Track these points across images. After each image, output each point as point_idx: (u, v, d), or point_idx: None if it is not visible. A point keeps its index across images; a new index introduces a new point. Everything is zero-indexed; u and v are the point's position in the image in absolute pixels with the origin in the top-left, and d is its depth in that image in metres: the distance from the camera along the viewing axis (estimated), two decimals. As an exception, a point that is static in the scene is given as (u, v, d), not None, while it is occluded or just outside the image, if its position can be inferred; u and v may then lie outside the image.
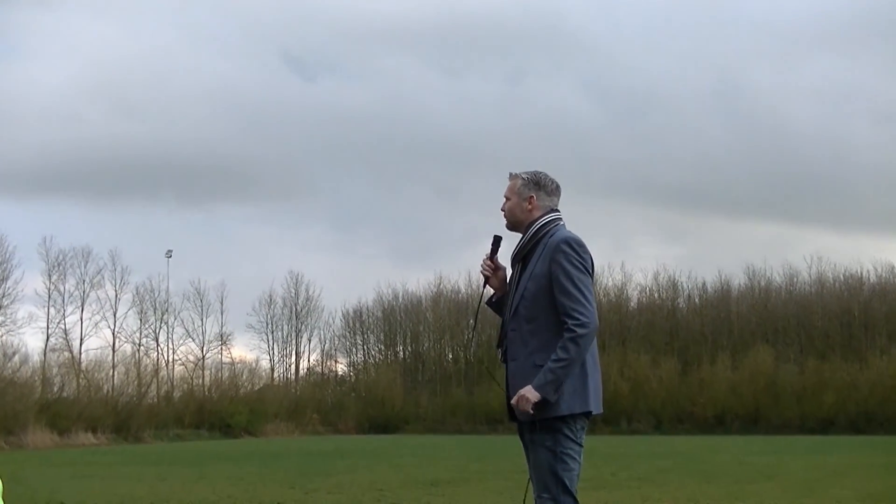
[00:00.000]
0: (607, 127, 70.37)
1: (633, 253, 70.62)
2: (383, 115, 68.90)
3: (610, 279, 56.19)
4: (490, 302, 4.27)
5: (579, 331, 3.81)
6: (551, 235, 4.03)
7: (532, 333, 3.94)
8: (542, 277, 3.95)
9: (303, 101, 70.15)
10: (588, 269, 3.96)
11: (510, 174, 4.21)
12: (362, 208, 73.09)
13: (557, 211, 4.15)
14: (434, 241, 73.83)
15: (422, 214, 73.50)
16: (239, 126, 69.43)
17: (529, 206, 4.11)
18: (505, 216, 4.20)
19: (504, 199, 4.19)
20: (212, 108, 67.54)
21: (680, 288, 56.22)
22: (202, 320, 53.37)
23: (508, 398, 4.02)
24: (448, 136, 68.52)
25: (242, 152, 67.08)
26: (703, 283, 56.10)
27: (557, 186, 4.17)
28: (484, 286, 4.29)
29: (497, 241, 4.24)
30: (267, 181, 70.01)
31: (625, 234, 71.15)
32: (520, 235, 4.14)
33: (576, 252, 3.94)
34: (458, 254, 72.12)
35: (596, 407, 3.97)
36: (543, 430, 3.89)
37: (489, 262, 4.23)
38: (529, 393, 3.83)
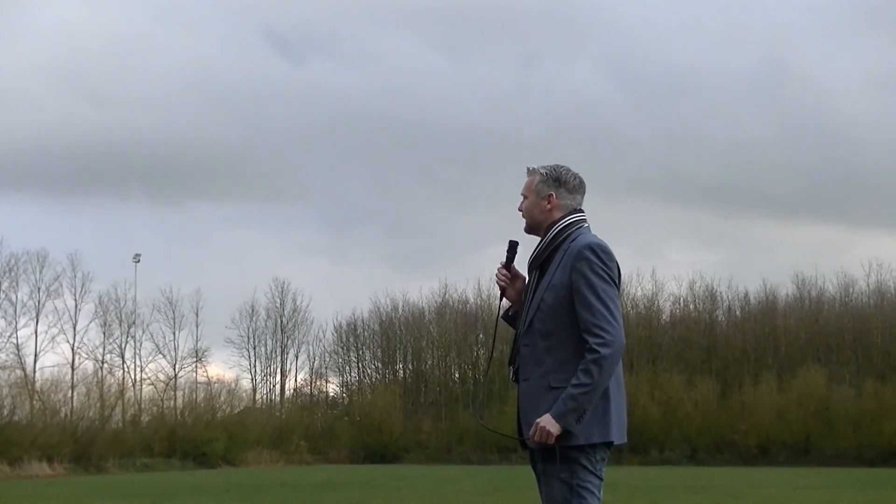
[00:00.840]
0: (633, 116, 70.41)
1: (664, 259, 70.22)
2: (380, 103, 69.39)
3: (639, 289, 56.15)
4: (506, 316, 4.31)
5: (603, 350, 3.84)
6: (573, 240, 4.06)
7: (548, 351, 3.98)
8: (561, 288, 3.99)
9: (289, 87, 70.61)
10: (614, 279, 3.99)
11: (528, 169, 4.26)
12: (357, 207, 73.14)
13: (581, 211, 4.19)
14: (439, 245, 73.82)
15: (425, 215, 73.70)
16: (217, 114, 69.94)
17: (548, 206, 4.15)
18: (523, 216, 4.24)
19: (521, 198, 4.24)
20: (186, 94, 68.65)
21: (718, 299, 56.12)
22: (174, 334, 53.53)
23: (520, 422, 4.06)
24: (454, 126, 68.67)
25: (221, 144, 67.24)
26: (745, 294, 56.11)
27: (581, 183, 4.20)
28: (500, 299, 4.33)
29: (513, 246, 4.28)
30: (249, 177, 70.16)
31: (655, 238, 71.46)
32: (538, 239, 4.19)
33: (600, 260, 3.96)
34: (465, 259, 72.36)
35: (618, 436, 3.99)
36: (559, 460, 3.89)
37: (505, 272, 4.28)
38: (549, 424, 3.86)
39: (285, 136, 69.86)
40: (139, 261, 53.54)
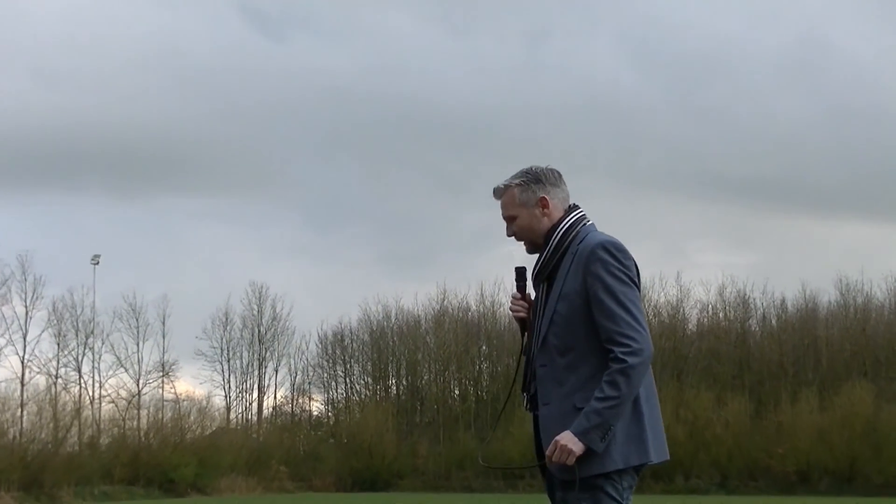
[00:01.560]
0: (656, 101, 70.12)
1: (690, 261, 70.48)
2: (372, 83, 69.09)
3: (661, 295, 55.95)
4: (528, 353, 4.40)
5: (630, 360, 3.98)
6: (580, 241, 4.20)
7: (569, 368, 4.12)
8: (574, 296, 4.12)
9: (268, 66, 70.26)
10: (633, 279, 4.13)
11: (497, 190, 4.38)
12: (345, 202, 73.04)
13: (578, 207, 4.32)
14: (437, 245, 74.36)
15: (422, 210, 73.81)
16: (185, 96, 69.45)
17: (545, 211, 4.30)
18: (520, 239, 4.35)
19: (506, 224, 4.36)
20: (151, 74, 67.19)
21: (752, 306, 56.00)
22: (138, 345, 53.57)
23: (540, 451, 4.17)
24: (455, 110, 68.48)
25: (190, 129, 67.62)
26: (783, 300, 55.94)
27: (558, 173, 4.34)
28: (523, 335, 4.42)
29: (521, 274, 4.42)
30: (223, 167, 70.52)
31: (680, 237, 71.57)
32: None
33: (615, 259, 4.10)
34: (467, 261, 72.67)
35: (658, 454, 4.14)
36: (581, 488, 3.99)
37: (521, 301, 4.41)
38: (570, 442, 3.97)
39: (264, 121, 69.78)
40: (98, 263, 53.62)
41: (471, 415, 55.37)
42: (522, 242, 4.39)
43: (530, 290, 4.40)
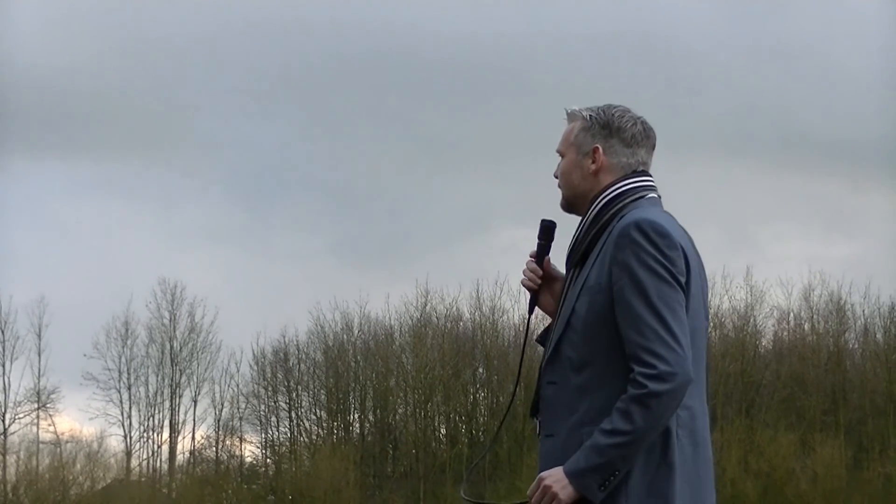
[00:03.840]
0: (721, 34, 65.86)
1: (764, 253, 65.23)
2: (321, 11, 64.24)
3: (725, 299, 51.98)
4: (541, 336, 4.23)
5: (652, 386, 3.73)
6: (621, 217, 3.98)
7: (582, 391, 3.90)
8: (598, 291, 3.91)
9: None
10: (676, 276, 3.86)
11: (567, 112, 4.23)
12: (284, 171, 69.38)
13: (647, 175, 4.09)
14: (414, 229, 68.99)
15: (392, 181, 68.40)
16: (64, 28, 64.77)
17: (593, 167, 4.07)
18: (560, 186, 4.21)
19: (558, 159, 4.23)
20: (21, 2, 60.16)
21: (849, 315, 52.16)
22: (3, 366, 51.62)
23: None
24: (437, 48, 64.04)
25: (70, 71, 63.27)
26: (891, 307, 51.42)
27: (645, 130, 4.10)
28: (531, 310, 4.29)
29: (547, 230, 4.25)
30: (117, 123, 64.90)
31: (750, 220, 68.37)
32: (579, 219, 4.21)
33: (653, 244, 3.83)
34: (456, 250, 68.67)
35: None
36: None
37: (536, 268, 4.23)
38: (558, 483, 3.80)
39: (175, 63, 64.28)
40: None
41: (462, 463, 50.93)
42: (560, 189, 4.14)
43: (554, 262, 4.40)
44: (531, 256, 4.22)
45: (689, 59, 65.02)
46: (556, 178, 4.17)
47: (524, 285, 4.23)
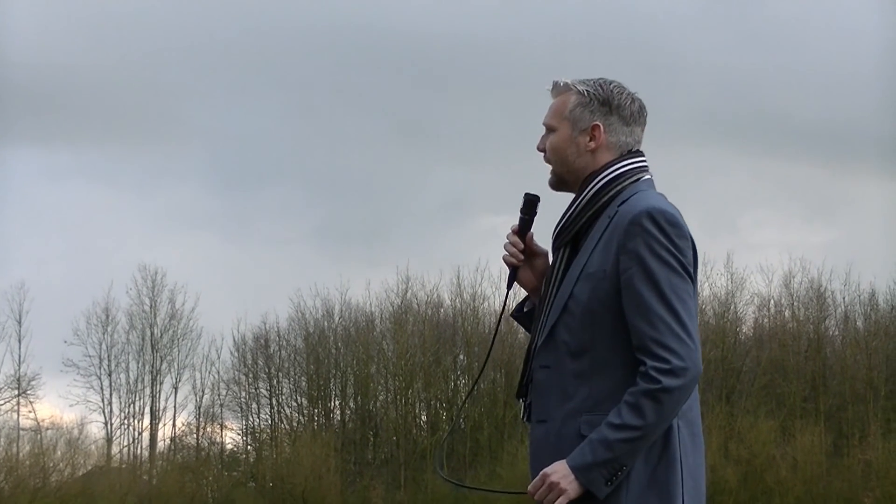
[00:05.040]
0: (696, 15, 65.70)
1: (743, 239, 65.82)
2: (304, 1, 64.84)
3: (706, 286, 51.33)
4: (519, 312, 4.24)
5: (666, 381, 3.70)
6: (623, 201, 3.95)
7: (581, 378, 3.87)
8: (602, 278, 3.86)
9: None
10: (687, 267, 3.88)
11: (556, 84, 4.12)
12: (264, 156, 69.05)
13: (641, 155, 4.08)
14: (395, 215, 68.80)
15: (372, 167, 68.38)
16: (48, 18, 63.46)
17: (591, 145, 4.01)
18: (548, 161, 4.13)
19: (544, 131, 4.13)
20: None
21: (829, 301, 51.64)
22: None
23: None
24: (418, 34, 63.64)
25: (51, 57, 62.64)
26: (871, 294, 51.15)
27: (641, 108, 4.09)
28: (509, 286, 4.26)
29: (531, 203, 4.18)
30: (97, 108, 65.00)
31: (729, 206, 68.39)
32: (571, 198, 4.11)
33: (665, 234, 3.81)
34: (437, 236, 68.18)
35: None
36: None
37: (518, 242, 4.16)
38: (564, 479, 3.76)
39: (153, 49, 63.60)
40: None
41: (443, 450, 50.63)
42: (549, 167, 4.05)
43: (537, 239, 4.25)
44: (512, 231, 4.15)
45: (668, 44, 64.64)
46: (542, 151, 4.09)
47: (505, 261, 4.18)
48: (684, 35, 64.89)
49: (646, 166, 4.03)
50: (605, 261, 3.83)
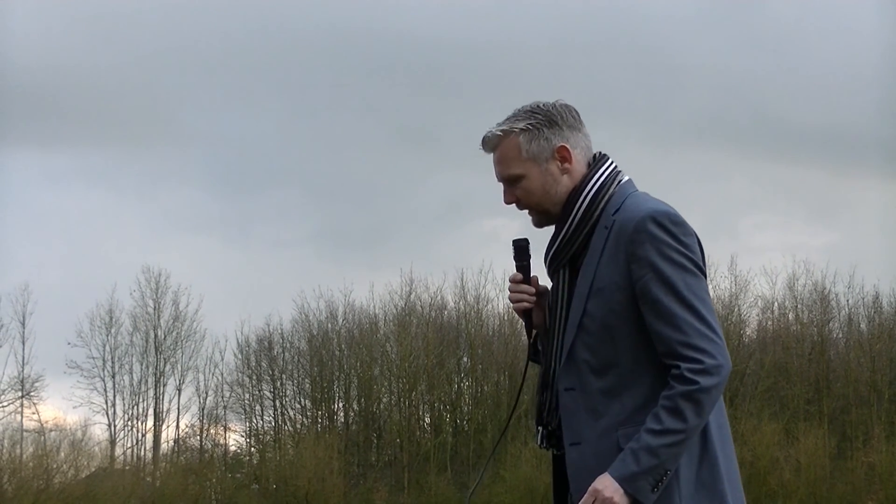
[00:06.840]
0: (695, 19, 67.35)
1: (746, 242, 66.05)
2: (304, 6, 65.66)
3: (709, 288, 51.41)
4: (537, 353, 4.18)
5: (703, 381, 3.71)
6: (615, 209, 3.91)
7: (609, 394, 3.84)
8: (614, 290, 3.83)
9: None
10: (699, 264, 3.86)
11: (486, 140, 4.07)
12: (266, 159, 69.45)
13: (605, 157, 4.05)
14: (398, 218, 69.82)
15: (377, 171, 70.23)
16: (44, 15, 63.63)
17: (566, 166, 3.99)
18: (529, 209, 4.06)
19: (505, 186, 4.09)
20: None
21: (833, 304, 52.42)
22: None
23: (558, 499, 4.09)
24: (418, 39, 65.02)
25: (53, 61, 63.25)
26: (875, 297, 51.99)
27: (576, 111, 4.07)
28: (531, 336, 4.19)
29: (523, 249, 4.16)
30: (99, 112, 65.17)
31: (731, 209, 68.80)
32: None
33: (672, 236, 3.79)
34: (440, 239, 69.25)
35: None
36: None
37: (528, 288, 4.13)
38: (615, 492, 3.71)
39: (156, 53, 64.12)
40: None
41: (446, 452, 51.93)
42: (528, 212, 4.01)
43: (542, 278, 4.25)
44: (513, 281, 4.13)
45: (669, 47, 65.43)
46: (516, 203, 4.04)
47: (519, 310, 4.12)
48: (685, 38, 66.12)
49: (617, 168, 4.02)
50: (615, 272, 3.81)
